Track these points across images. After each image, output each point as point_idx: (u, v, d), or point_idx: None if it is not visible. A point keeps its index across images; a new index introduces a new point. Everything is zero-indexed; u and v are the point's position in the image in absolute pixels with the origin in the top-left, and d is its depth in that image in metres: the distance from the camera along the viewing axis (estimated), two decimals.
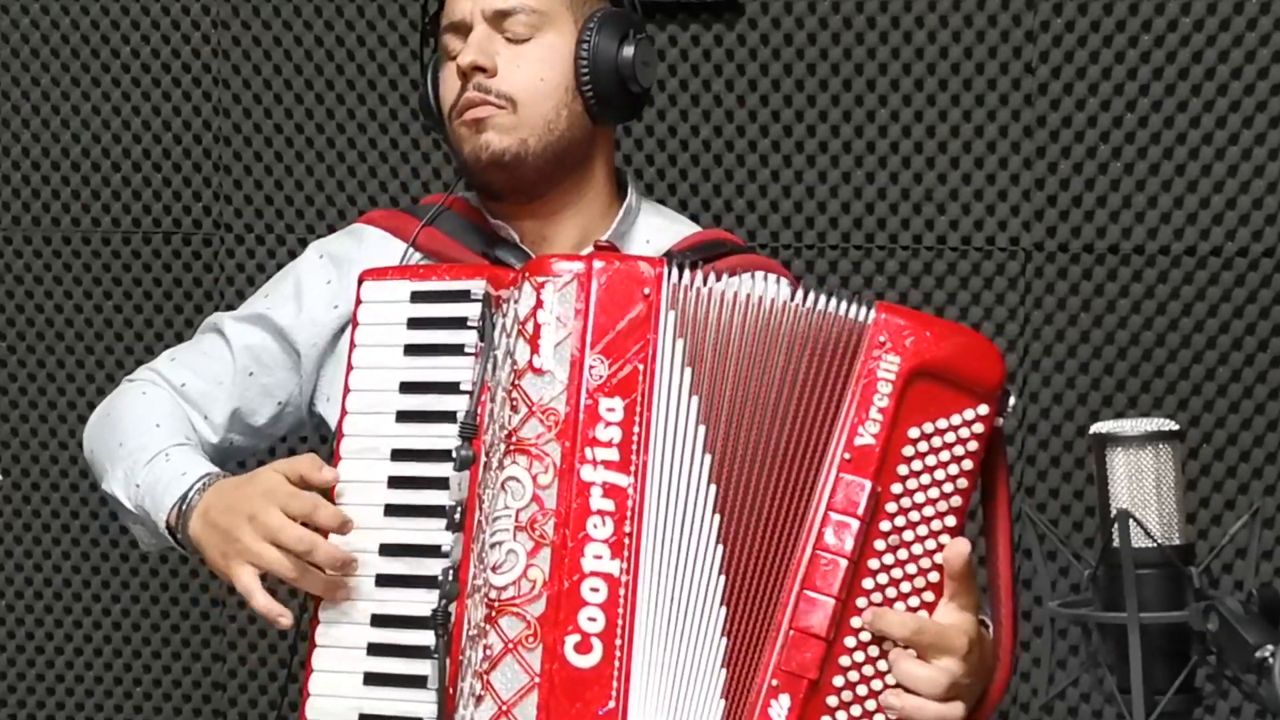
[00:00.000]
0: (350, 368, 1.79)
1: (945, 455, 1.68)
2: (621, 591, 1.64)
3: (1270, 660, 1.55)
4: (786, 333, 1.71)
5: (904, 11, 2.69)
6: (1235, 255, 2.61)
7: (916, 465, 1.67)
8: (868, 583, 1.66)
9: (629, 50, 1.93)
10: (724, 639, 1.66)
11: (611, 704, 1.62)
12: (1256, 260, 2.60)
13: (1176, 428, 1.78)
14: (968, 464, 1.68)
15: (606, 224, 1.99)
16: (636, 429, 1.67)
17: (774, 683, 1.65)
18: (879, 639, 1.65)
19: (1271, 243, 2.60)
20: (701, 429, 1.68)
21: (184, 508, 1.82)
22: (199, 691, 3.00)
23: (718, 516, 1.67)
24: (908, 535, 1.67)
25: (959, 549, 1.65)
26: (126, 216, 2.97)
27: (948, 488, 1.67)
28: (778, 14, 2.73)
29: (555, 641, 1.63)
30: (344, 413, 1.78)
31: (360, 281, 1.82)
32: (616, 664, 1.63)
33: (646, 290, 1.70)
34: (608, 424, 1.67)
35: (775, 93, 2.75)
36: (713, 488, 1.67)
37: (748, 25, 2.75)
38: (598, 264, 1.71)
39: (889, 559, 1.66)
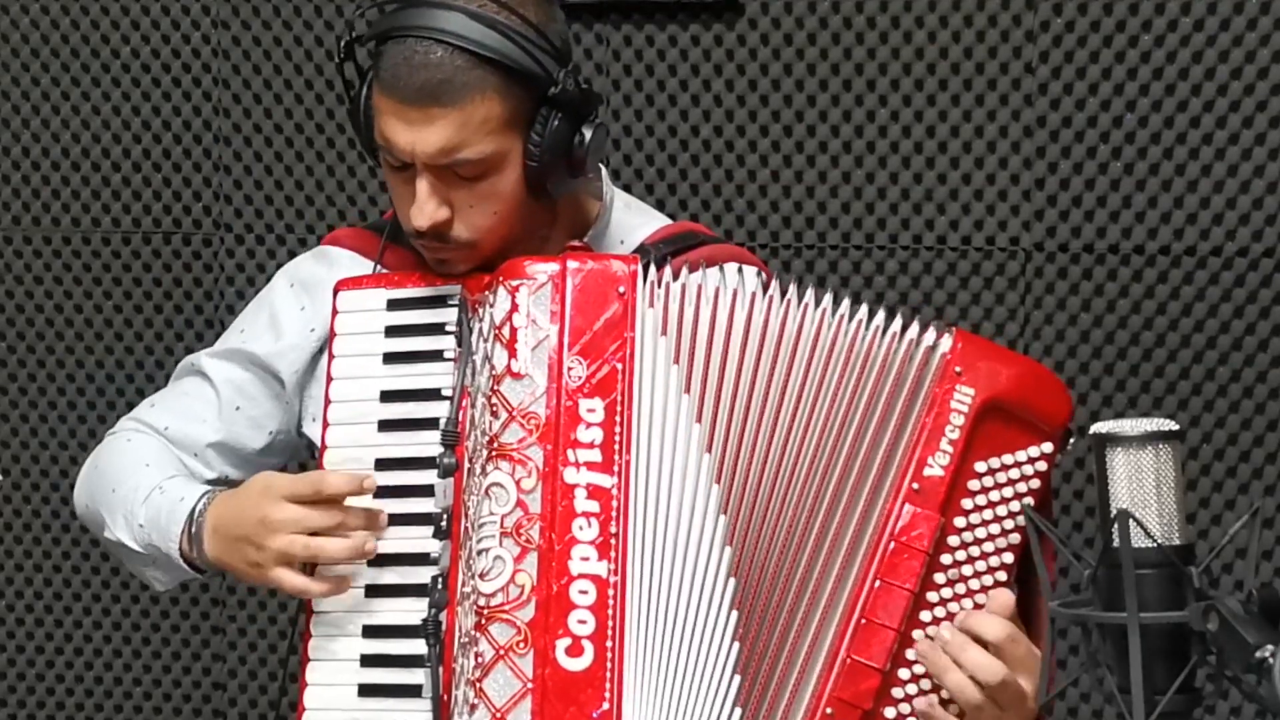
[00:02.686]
0: (330, 379, 1.79)
1: (1008, 491, 1.66)
2: (610, 593, 1.63)
3: (1270, 660, 1.55)
4: (809, 339, 1.69)
5: (904, 11, 2.69)
6: (1235, 255, 2.61)
7: (980, 500, 1.66)
8: (925, 615, 1.65)
9: (579, 145, 1.79)
10: (735, 644, 1.64)
11: (605, 705, 1.62)
12: (1256, 260, 2.60)
13: (1176, 428, 1.77)
14: (1028, 501, 1.66)
15: (583, 234, 1.93)
16: (618, 429, 1.66)
17: (829, 710, 1.64)
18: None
19: (1271, 243, 2.59)
20: (697, 428, 1.67)
21: (193, 531, 1.78)
22: (199, 691, 2.99)
23: (723, 518, 1.66)
24: (966, 570, 1.65)
25: (1003, 600, 1.64)
26: (126, 216, 2.97)
27: (1008, 524, 1.66)
28: (778, 14, 2.73)
29: (546, 646, 1.62)
30: (326, 424, 1.77)
31: (336, 291, 1.81)
32: (609, 665, 1.62)
33: (621, 289, 1.69)
34: (588, 425, 1.66)
35: (775, 93, 2.75)
36: (715, 488, 1.66)
37: (748, 25, 2.75)
38: (571, 264, 1.70)
39: (947, 593, 1.65)
